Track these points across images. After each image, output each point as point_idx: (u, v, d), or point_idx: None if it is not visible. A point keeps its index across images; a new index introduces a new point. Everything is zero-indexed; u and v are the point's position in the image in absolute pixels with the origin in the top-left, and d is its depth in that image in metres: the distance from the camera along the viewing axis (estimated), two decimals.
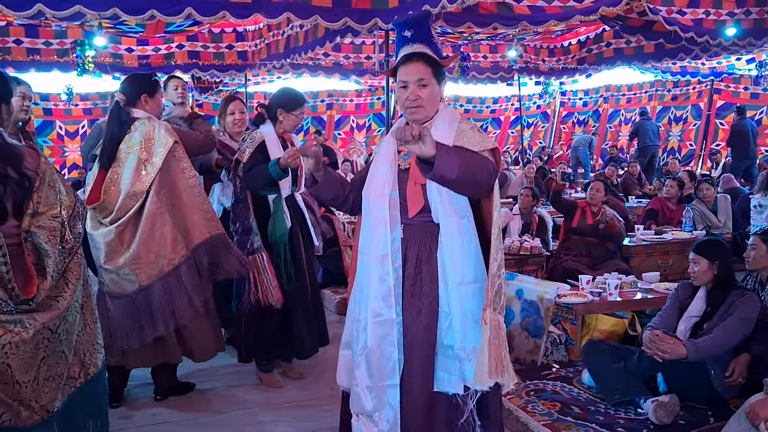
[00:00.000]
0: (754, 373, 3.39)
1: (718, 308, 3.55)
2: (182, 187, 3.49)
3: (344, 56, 9.60)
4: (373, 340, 2.39)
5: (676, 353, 3.37)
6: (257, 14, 5.58)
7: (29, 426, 1.92)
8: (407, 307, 2.41)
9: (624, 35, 8.68)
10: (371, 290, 2.41)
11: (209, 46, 8.64)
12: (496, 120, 16.98)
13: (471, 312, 2.35)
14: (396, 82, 2.43)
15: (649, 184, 10.69)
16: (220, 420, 3.54)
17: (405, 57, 2.39)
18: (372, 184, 2.48)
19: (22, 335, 1.87)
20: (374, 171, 2.50)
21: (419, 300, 2.41)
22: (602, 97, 16.57)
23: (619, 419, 3.34)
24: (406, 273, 2.42)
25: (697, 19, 7.25)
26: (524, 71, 10.79)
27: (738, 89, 13.64)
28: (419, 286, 2.41)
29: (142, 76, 3.76)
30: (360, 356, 2.43)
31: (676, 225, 6.95)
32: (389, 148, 2.48)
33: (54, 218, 1.99)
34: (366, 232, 2.48)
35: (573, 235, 5.89)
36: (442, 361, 2.40)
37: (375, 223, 2.42)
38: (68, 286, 2.00)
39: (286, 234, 3.80)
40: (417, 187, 2.40)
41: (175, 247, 3.43)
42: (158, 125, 3.49)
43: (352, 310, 2.57)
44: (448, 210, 2.36)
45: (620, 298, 4.35)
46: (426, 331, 2.40)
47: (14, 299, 1.86)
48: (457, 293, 2.35)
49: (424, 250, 2.42)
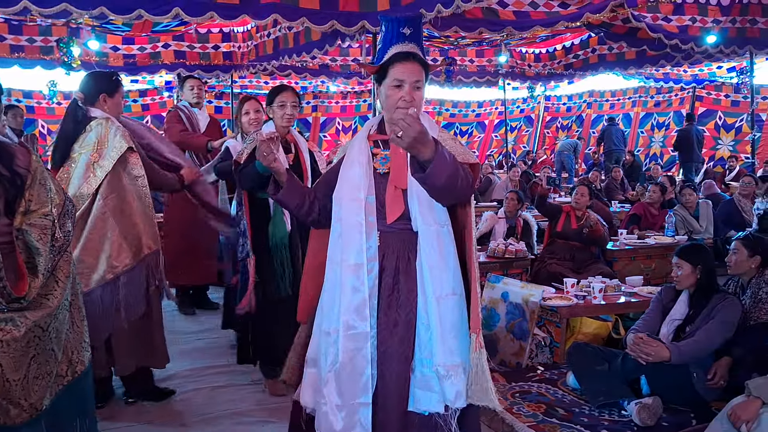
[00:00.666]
0: (735, 376, 3.44)
1: (701, 312, 3.60)
2: (133, 194, 3.35)
3: (331, 59, 9.61)
4: (345, 354, 2.22)
5: (659, 356, 3.42)
6: (245, 15, 5.57)
7: (18, 424, 1.91)
8: (383, 319, 2.26)
9: (608, 42, 8.79)
10: (343, 301, 2.24)
11: (195, 47, 8.62)
12: (480, 124, 17.07)
13: (450, 325, 2.21)
14: (384, 80, 2.25)
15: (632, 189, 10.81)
16: (208, 419, 3.52)
17: (402, 55, 2.24)
18: (344, 188, 2.31)
19: (13, 333, 1.86)
20: (346, 173, 2.33)
21: (396, 311, 2.26)
22: (586, 102, 16.72)
23: (603, 421, 3.37)
24: (383, 283, 2.27)
25: (682, 26, 7.36)
26: (510, 76, 10.88)
27: (719, 96, 13.83)
28: (396, 297, 2.27)
29: (103, 75, 3.65)
30: (329, 372, 2.25)
31: (658, 230, 7.02)
32: (362, 150, 2.32)
33: (45, 216, 1.99)
34: (338, 239, 2.30)
35: (557, 239, 5.94)
36: (420, 378, 2.25)
37: (348, 229, 2.26)
38: (58, 284, 2.00)
39: (286, 237, 3.69)
40: (397, 192, 2.27)
41: (119, 255, 3.30)
42: (115, 129, 3.34)
43: (319, 323, 2.38)
44: (427, 218, 2.23)
45: (604, 302, 4.40)
46: (402, 345, 2.25)
47: (6, 297, 1.86)
48: (436, 306, 2.20)
49: (402, 260, 2.28)
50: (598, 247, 6.00)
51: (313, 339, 2.42)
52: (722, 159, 13.10)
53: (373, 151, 2.33)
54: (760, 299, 3.71)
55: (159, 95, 13.03)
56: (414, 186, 2.18)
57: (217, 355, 4.53)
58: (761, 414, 2.80)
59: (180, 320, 5.40)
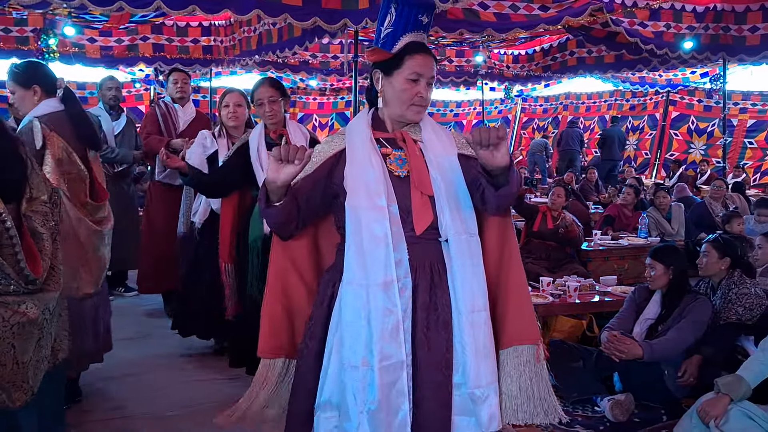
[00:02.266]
0: (705, 374, 3.51)
1: (673, 311, 3.70)
2: None
3: (311, 55, 9.62)
4: (381, 390, 1.90)
5: (632, 353, 3.50)
6: (227, 10, 5.58)
7: (17, 408, 1.93)
8: (420, 342, 1.97)
9: (587, 45, 8.92)
10: (375, 327, 1.91)
11: (174, 40, 8.58)
12: (458, 123, 17.17)
13: (483, 344, 1.99)
14: (396, 70, 2.00)
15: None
16: (187, 413, 3.52)
17: (421, 46, 2.03)
18: (360, 194, 1.97)
19: (29, 315, 1.89)
20: (359, 177, 1.99)
21: (435, 332, 1.98)
22: (562, 104, 16.89)
23: (577, 416, 3.45)
24: (419, 301, 1.98)
25: (657, 32, 7.50)
26: (489, 77, 10.96)
27: (692, 101, 14.07)
28: (435, 315, 1.99)
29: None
30: (361, 413, 1.91)
31: (631, 231, 7.14)
32: (370, 150, 2.01)
33: (44, 204, 2.02)
34: (356, 256, 1.95)
35: (534, 238, 6.02)
36: (458, 404, 2.00)
37: (372, 242, 1.94)
38: (54, 270, 2.02)
39: (259, 238, 3.38)
40: (424, 198, 2.01)
41: None
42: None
43: (340, 359, 1.97)
44: (458, 227, 2.00)
45: (579, 300, 4.48)
46: (442, 370, 1.98)
47: (24, 279, 1.87)
48: (469, 322, 1.97)
49: (435, 273, 2.02)
50: (572, 248, 6.10)
51: (326, 378, 2.00)
52: (694, 163, 13.34)
53: (381, 152, 2.04)
54: (730, 300, 3.81)
55: (134, 88, 12.89)
56: (442, 192, 2.01)
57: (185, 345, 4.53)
58: (729, 410, 2.89)
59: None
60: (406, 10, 2.05)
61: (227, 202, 3.64)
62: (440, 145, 2.06)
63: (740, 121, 13.30)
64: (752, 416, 2.88)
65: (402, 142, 2.06)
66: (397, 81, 2.00)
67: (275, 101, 3.46)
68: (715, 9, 7.66)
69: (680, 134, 14.15)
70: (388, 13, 2.05)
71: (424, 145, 2.06)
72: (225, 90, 4.27)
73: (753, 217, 6.60)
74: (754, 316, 3.72)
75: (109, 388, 3.81)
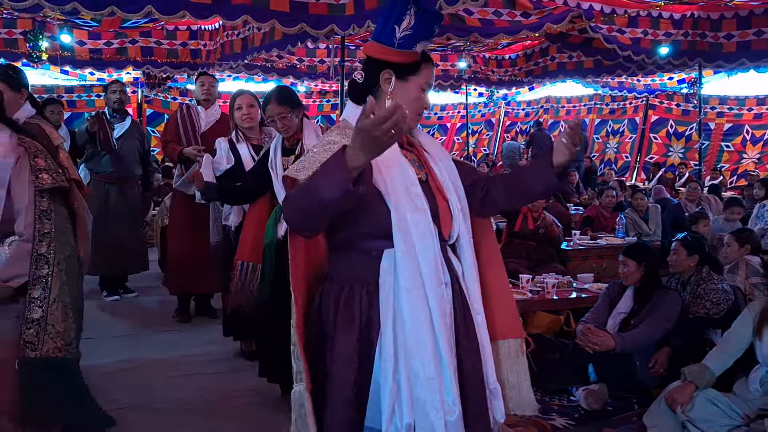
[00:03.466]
0: (674, 365, 3.69)
1: (645, 306, 3.89)
2: None
3: (298, 59, 9.75)
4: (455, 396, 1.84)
5: (605, 345, 3.69)
6: (216, 15, 5.69)
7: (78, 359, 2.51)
8: (462, 344, 1.93)
9: (565, 50, 9.11)
10: (439, 333, 1.82)
11: (163, 43, 8.66)
12: (442, 126, 17.36)
13: (487, 340, 2.01)
14: (412, 76, 1.95)
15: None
16: (181, 404, 3.65)
17: (428, 56, 2.01)
18: (400, 195, 1.85)
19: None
20: (398, 177, 1.87)
21: (473, 332, 1.97)
22: (543, 108, 17.13)
23: (554, 405, 3.63)
24: (457, 302, 1.95)
25: (635, 38, 7.70)
26: (473, 81, 11.13)
27: (671, 105, 14.34)
28: (470, 315, 1.98)
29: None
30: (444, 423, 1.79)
31: (610, 231, 7.33)
32: (395, 148, 1.87)
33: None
34: (409, 260, 1.82)
35: (515, 238, 6.18)
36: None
37: (423, 241, 1.83)
38: None
39: (273, 243, 3.42)
40: (443, 202, 1.98)
41: None
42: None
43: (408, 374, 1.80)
44: (465, 230, 2.00)
45: (557, 297, 4.65)
46: (479, 371, 1.96)
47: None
48: (481, 320, 2.00)
49: (459, 275, 2.00)
50: (552, 247, 6.27)
51: (401, 402, 1.79)
52: (673, 166, 13.60)
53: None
54: (699, 295, 4.00)
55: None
56: (453, 195, 1.99)
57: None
58: (695, 397, 3.08)
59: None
60: (427, 17, 1.95)
61: (260, 203, 3.63)
62: (438, 150, 2.08)
63: (717, 125, 13.59)
64: (716, 402, 3.08)
65: (408, 146, 2.02)
66: (413, 88, 1.96)
67: (285, 117, 3.45)
68: (692, 16, 7.86)
69: (659, 138, 14.43)
70: (406, 15, 1.90)
71: (426, 150, 2.06)
72: (234, 93, 4.26)
73: (722, 216, 6.83)
74: (721, 311, 3.92)
75: (104, 382, 3.90)
